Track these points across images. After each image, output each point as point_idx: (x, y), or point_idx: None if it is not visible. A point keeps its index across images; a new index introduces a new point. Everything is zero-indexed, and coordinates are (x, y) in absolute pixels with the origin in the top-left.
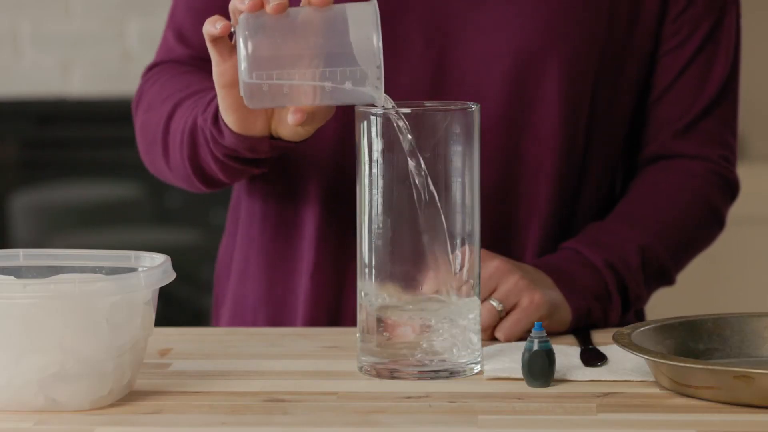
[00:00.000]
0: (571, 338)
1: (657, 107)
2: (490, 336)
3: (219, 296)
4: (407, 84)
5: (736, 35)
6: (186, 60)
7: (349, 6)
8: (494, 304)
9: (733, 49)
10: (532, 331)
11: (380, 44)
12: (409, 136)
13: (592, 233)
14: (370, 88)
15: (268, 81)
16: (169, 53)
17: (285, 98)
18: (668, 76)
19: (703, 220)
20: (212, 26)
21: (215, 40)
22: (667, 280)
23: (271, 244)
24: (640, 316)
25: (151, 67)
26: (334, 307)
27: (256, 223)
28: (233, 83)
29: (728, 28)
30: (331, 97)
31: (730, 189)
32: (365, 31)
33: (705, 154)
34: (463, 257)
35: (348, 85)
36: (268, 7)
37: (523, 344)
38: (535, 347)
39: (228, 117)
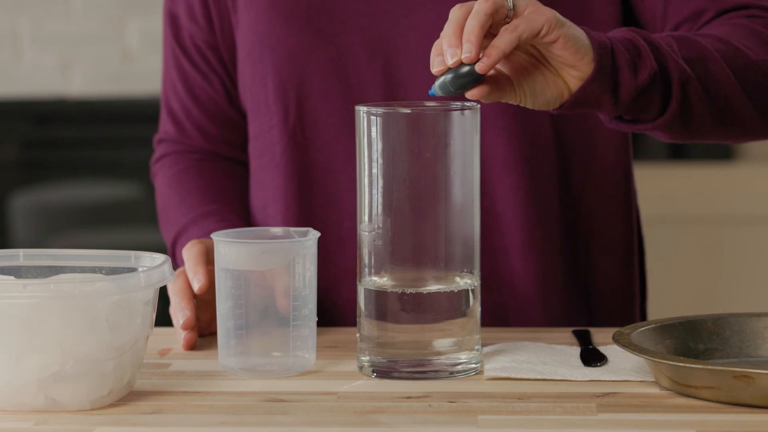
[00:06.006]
0: (571, 338)
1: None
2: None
3: None
4: (357, 99)
5: None
6: (179, 140)
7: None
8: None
9: None
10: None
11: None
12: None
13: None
14: None
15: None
16: (166, 132)
17: None
18: None
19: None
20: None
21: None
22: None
23: None
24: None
25: (159, 141)
26: None
27: None
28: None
29: None
30: None
31: None
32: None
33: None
34: (462, 255)
35: None
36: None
37: (524, 344)
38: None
39: None
